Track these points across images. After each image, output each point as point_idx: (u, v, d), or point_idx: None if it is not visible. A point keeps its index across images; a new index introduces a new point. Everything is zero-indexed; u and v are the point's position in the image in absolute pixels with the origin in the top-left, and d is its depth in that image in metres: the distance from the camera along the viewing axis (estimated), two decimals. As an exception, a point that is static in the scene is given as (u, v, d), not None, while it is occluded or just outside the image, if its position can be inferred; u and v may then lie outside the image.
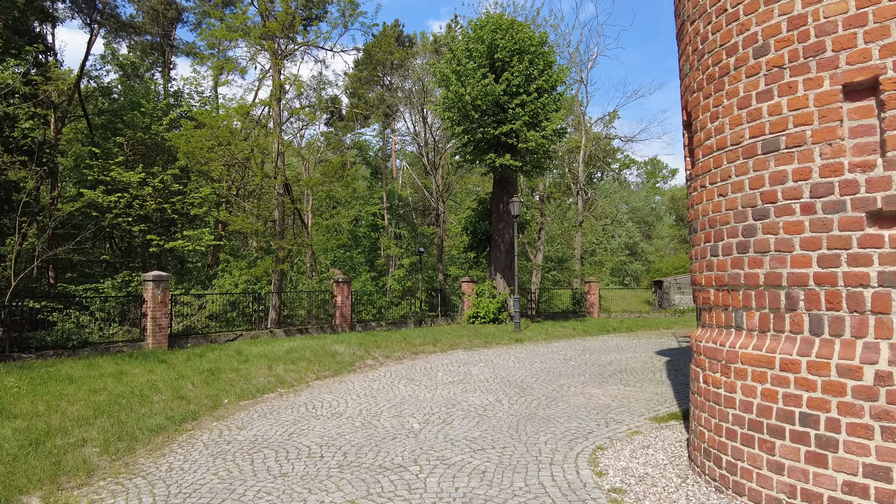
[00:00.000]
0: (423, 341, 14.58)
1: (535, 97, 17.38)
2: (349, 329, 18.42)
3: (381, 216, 39.98)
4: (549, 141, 17.72)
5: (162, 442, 6.12)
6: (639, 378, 9.76)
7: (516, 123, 17.06)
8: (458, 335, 16.05)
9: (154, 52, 27.16)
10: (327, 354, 12.08)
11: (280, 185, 16.99)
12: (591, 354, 13.03)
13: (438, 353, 13.45)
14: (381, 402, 7.98)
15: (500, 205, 19.78)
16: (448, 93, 17.27)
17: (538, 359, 12.33)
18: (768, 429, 3.90)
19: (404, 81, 40.63)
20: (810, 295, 3.74)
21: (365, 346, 13.41)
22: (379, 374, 10.54)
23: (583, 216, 29.47)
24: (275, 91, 16.31)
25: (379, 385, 9.38)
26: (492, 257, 20.20)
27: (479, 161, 18.11)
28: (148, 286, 13.45)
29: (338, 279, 18.59)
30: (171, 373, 9.63)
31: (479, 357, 12.76)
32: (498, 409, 7.50)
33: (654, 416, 6.96)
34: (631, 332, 19.35)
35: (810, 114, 3.78)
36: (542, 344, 15.40)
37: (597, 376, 9.98)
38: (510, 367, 11.11)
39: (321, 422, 6.91)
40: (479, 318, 19.41)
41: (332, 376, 10.45)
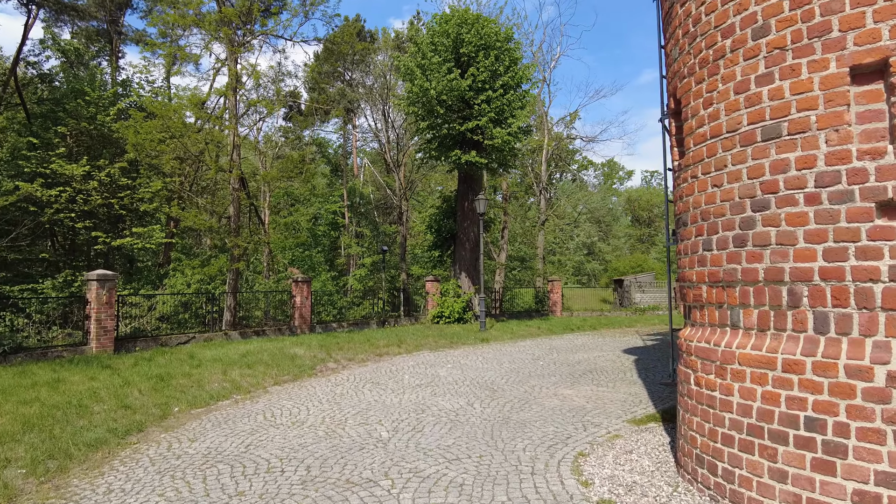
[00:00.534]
0: (387, 342, 14.11)
1: (500, 93, 17.14)
2: (309, 330, 17.76)
3: (341, 214, 39.16)
4: (515, 138, 17.50)
5: (101, 459, 5.49)
6: (610, 378, 9.58)
7: (482, 120, 16.77)
8: (423, 335, 15.64)
9: (100, 39, 25.65)
10: (286, 357, 11.48)
11: (235, 180, 16.19)
12: (558, 354, 12.84)
13: (404, 355, 13.01)
14: (346, 409, 7.50)
15: (466, 202, 19.47)
16: (413, 87, 16.83)
17: (506, 359, 12.05)
18: (770, 434, 3.65)
19: (366, 77, 39.95)
20: (815, 291, 3.51)
21: (326, 348, 12.85)
22: (342, 378, 10.03)
23: (545, 215, 29.48)
24: (231, 81, 15.51)
25: (342, 390, 8.89)
26: (456, 256, 19.87)
27: (445, 157, 17.75)
28: (92, 286, 12.53)
29: (297, 279, 17.90)
30: (115, 379, 8.89)
31: (445, 358, 12.38)
32: (470, 413, 7.13)
33: (632, 419, 6.73)
34: (595, 330, 19.35)
35: (815, 98, 3.54)
36: (508, 343, 15.15)
37: (567, 376, 9.75)
38: (479, 368, 10.78)
39: (281, 431, 6.39)
40: (443, 318, 19.04)
41: (291, 381, 9.88)
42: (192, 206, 20.02)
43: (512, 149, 17.89)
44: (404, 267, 26.83)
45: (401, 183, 26.23)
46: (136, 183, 20.06)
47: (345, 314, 25.10)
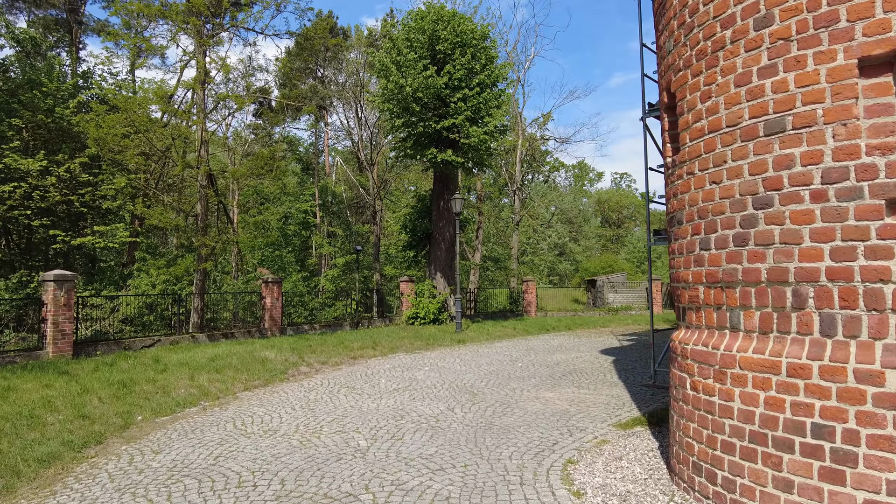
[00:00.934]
0: (361, 345, 13.76)
1: (477, 92, 16.94)
2: (280, 333, 17.26)
3: (312, 214, 38.47)
4: (491, 137, 17.34)
5: (54, 475, 5.06)
6: (590, 379, 9.44)
7: (458, 118, 16.55)
8: (398, 337, 15.33)
9: (59, 28, 24.52)
10: (256, 361, 11.05)
11: (203, 177, 15.60)
12: (536, 355, 12.69)
13: (379, 358, 12.68)
14: (321, 416, 7.16)
15: (441, 202, 19.22)
16: (388, 83, 16.50)
17: (484, 361, 11.84)
18: (774, 441, 3.49)
19: (338, 74, 39.35)
20: (822, 292, 3.36)
21: (298, 351, 12.44)
22: (315, 383, 9.66)
23: (520, 216, 29.43)
24: (199, 74, 14.92)
25: (316, 395, 8.53)
26: (432, 256, 19.60)
27: (420, 156, 17.46)
28: (49, 287, 11.86)
29: (267, 279, 17.38)
30: (73, 386, 8.35)
31: (422, 360, 12.11)
32: (451, 419, 6.88)
33: (617, 423, 6.57)
34: (570, 330, 19.31)
35: (822, 91, 3.40)
36: (485, 345, 14.96)
37: (547, 378, 9.58)
38: (457, 371, 10.54)
39: (252, 441, 6.03)
40: (418, 319, 18.76)
41: (262, 386, 9.47)
42: (158, 204, 19.27)
43: (488, 148, 17.72)
44: (378, 267, 26.43)
45: (374, 182, 25.83)
46: (98, 179, 19.22)
47: (316, 316, 24.59)
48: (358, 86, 29.95)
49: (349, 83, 33.91)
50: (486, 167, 18.77)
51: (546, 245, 62.33)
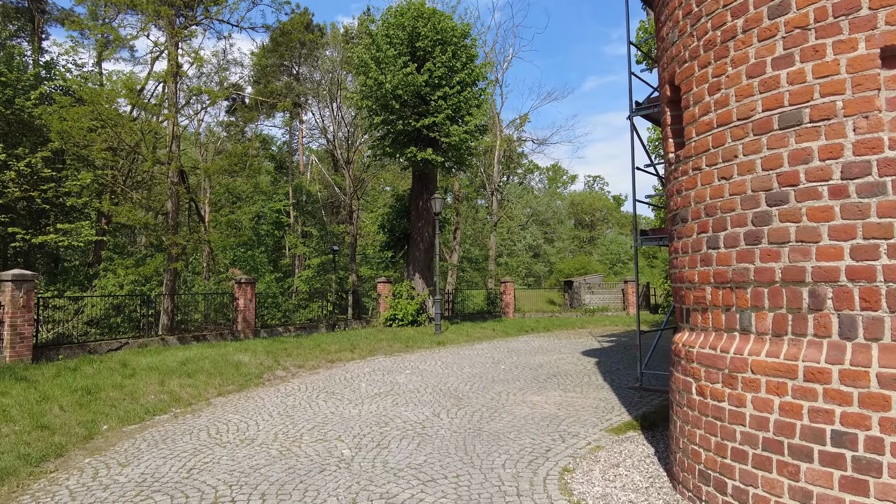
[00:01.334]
0: (338, 347, 13.39)
1: (457, 90, 16.72)
2: (253, 335, 16.75)
3: (286, 213, 37.78)
4: (472, 136, 17.13)
5: (7, 494, 4.63)
6: (576, 382, 9.28)
7: (439, 116, 16.29)
8: (377, 339, 14.99)
9: (20, 16, 23.47)
10: (230, 365, 10.61)
11: (175, 173, 15.01)
12: (518, 357, 12.51)
13: (357, 361, 12.33)
14: (300, 423, 6.82)
15: (420, 202, 18.93)
16: (367, 80, 16.15)
17: (466, 363, 11.60)
18: (791, 450, 3.32)
19: (314, 72, 38.71)
20: (841, 292, 3.20)
21: (273, 354, 12.02)
22: (293, 388, 9.29)
23: (498, 216, 29.32)
24: (171, 66, 14.34)
25: (294, 401, 8.17)
26: (410, 257, 19.30)
27: (400, 154, 17.15)
28: (6, 287, 11.20)
29: (240, 280, 16.86)
30: (31, 394, 7.82)
31: (402, 363, 11.81)
32: (438, 425, 6.61)
33: (609, 427, 6.39)
34: (548, 331, 19.22)
35: (841, 82, 3.24)
36: (465, 346, 14.72)
37: (532, 381, 9.39)
38: (439, 374, 10.27)
39: (228, 451, 5.67)
40: (396, 321, 18.43)
41: (237, 391, 9.06)
42: (127, 202, 18.53)
43: (468, 147, 17.51)
44: (354, 268, 26.00)
45: (351, 180, 25.40)
46: (62, 175, 18.41)
47: (291, 317, 24.03)
48: (334, 84, 29.48)
49: (325, 81, 33.40)
50: (465, 167, 18.56)
51: (521, 246, 62.59)
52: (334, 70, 31.26)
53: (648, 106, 8.81)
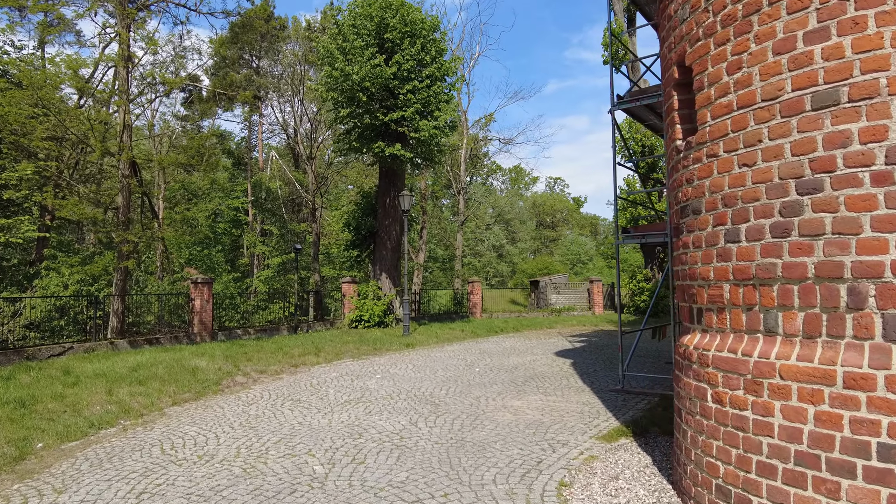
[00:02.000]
0: (302, 351, 12.72)
1: (427, 84, 16.25)
2: (210, 338, 15.87)
3: (244, 211, 36.50)
4: (442, 132, 16.68)
5: (-84, 530, 3.93)
6: (555, 385, 8.94)
7: (408, 111, 15.77)
8: (343, 342, 14.37)
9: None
10: (186, 371, 9.85)
11: (126, 165, 14.00)
12: (491, 358, 12.12)
13: (323, 365, 11.71)
14: (265, 435, 6.23)
15: (387, 199, 18.37)
16: (333, 71, 15.49)
17: (439, 366, 11.14)
18: (829, 465, 2.99)
19: (275, 66, 37.52)
20: (886, 289, 2.89)
21: (233, 358, 11.29)
22: (255, 395, 8.64)
23: (465, 216, 28.96)
24: (122, 50, 13.34)
25: (258, 410, 7.55)
26: (376, 256, 18.71)
27: (367, 149, 16.54)
28: (-70, 288, 10.12)
29: (196, 279, 15.95)
30: (-45, 406, 6.96)
31: (371, 367, 11.26)
32: (417, 435, 6.13)
33: (598, 434, 6.04)
34: (518, 332, 18.95)
35: (885, 57, 2.93)
36: (435, 348, 14.26)
37: (510, 384, 9.01)
38: (411, 378, 9.78)
39: (185, 470, 5.06)
40: (362, 322, 17.81)
41: (193, 400, 8.35)
42: (73, 195, 17.29)
43: (438, 143, 17.05)
44: (317, 267, 25.19)
45: (314, 176, 24.56)
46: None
47: (250, 319, 23.11)
48: (296, 77, 28.55)
49: (287, 75, 32.40)
50: (435, 164, 18.09)
51: (485, 247, 62.65)
52: (296, 64, 30.33)
53: (631, 99, 8.56)
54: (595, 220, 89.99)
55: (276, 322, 20.59)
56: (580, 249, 75.49)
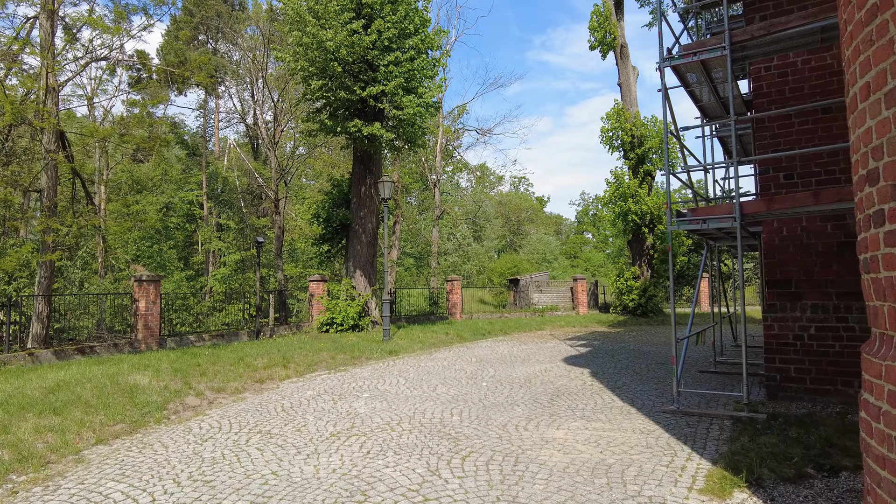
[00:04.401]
0: (268, 361, 10.71)
1: (410, 56, 14.38)
2: (158, 346, 13.62)
3: (199, 204, 33.78)
4: (427, 111, 14.84)
5: None
6: (590, 405, 7.27)
7: (388, 85, 13.86)
8: (314, 349, 12.39)
9: None
10: (122, 391, 7.77)
11: (51, 136, 11.61)
12: (494, 369, 10.39)
13: (295, 380, 9.73)
14: (226, 494, 4.31)
15: (363, 187, 16.40)
16: (303, 36, 13.43)
17: (436, 380, 9.32)
18: None
19: (233, 51, 34.92)
20: None
21: (183, 372, 9.22)
22: (211, 425, 6.65)
23: (441, 209, 27.18)
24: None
25: (215, 450, 5.59)
26: (350, 251, 16.72)
27: (341, 129, 14.52)
28: None
29: (141, 277, 13.69)
30: None
31: (354, 382, 9.35)
32: (446, 493, 4.33)
33: (697, 485, 4.37)
34: (507, 335, 17.31)
35: None
36: (423, 356, 12.43)
37: (533, 404, 7.29)
38: (408, 398, 7.95)
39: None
40: (334, 326, 15.82)
41: (127, 434, 6.30)
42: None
43: (423, 123, 15.19)
44: (280, 265, 22.95)
45: (276, 163, 22.30)
46: None
47: (205, 322, 20.81)
48: (257, 62, 26.15)
49: (247, 60, 29.92)
50: (418, 146, 16.22)
51: (452, 245, 61.25)
52: (256, 49, 27.92)
53: (687, 53, 6.94)
54: (559, 219, 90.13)
55: (235, 326, 18.38)
56: (545, 248, 75.06)
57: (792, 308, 7.24)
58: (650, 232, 22.39)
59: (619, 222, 22.68)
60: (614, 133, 22.64)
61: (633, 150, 22.26)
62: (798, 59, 7.41)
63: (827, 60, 7.23)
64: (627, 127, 22.14)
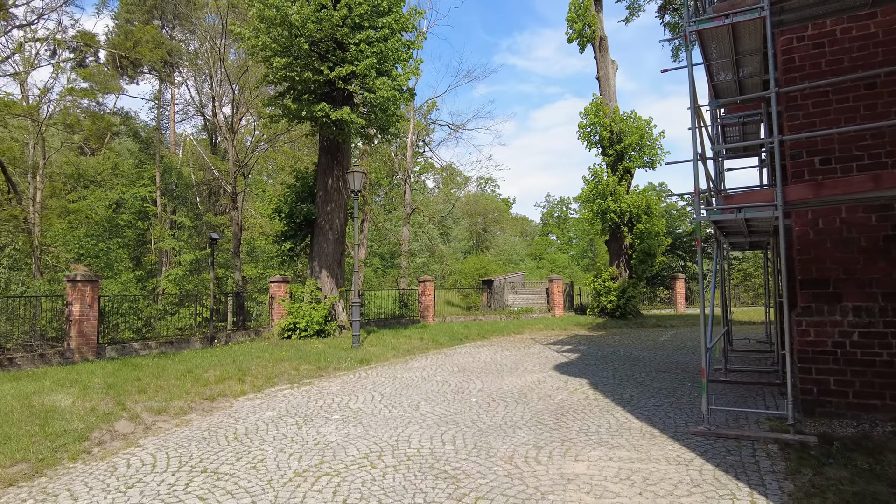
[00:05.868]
0: (221, 374, 9.32)
1: (384, 35, 13.12)
2: (95, 355, 12.01)
3: (153, 201, 31.62)
4: (402, 97, 13.60)
5: None
6: (603, 425, 6.19)
7: (360, 65, 12.57)
8: (275, 359, 11.01)
9: None
10: (33, 417, 6.32)
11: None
12: (481, 380, 9.23)
13: (252, 396, 8.37)
14: (145, 589, 3.03)
15: (329, 180, 15.03)
16: (265, 9, 12.03)
17: (417, 395, 8.11)
18: None
19: (191, 39, 32.91)
20: None
21: (118, 389, 7.79)
22: (143, 462, 5.29)
23: (412, 207, 25.93)
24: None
25: (145, 500, 4.26)
26: (315, 249, 15.32)
27: (307, 113, 13.12)
28: None
29: (75, 277, 12.06)
30: None
31: (322, 399, 8.06)
32: (457, 570, 3.14)
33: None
34: (485, 339, 16.19)
35: None
36: (398, 365, 11.18)
37: (537, 425, 6.17)
38: (387, 419, 6.72)
39: None
40: (297, 331, 14.40)
41: (27, 478, 4.89)
42: None
43: (395, 110, 13.92)
44: (238, 265, 21.30)
45: (234, 153, 20.64)
46: None
47: (155, 327, 19.05)
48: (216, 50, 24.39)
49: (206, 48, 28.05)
50: (391, 135, 14.93)
51: (420, 245, 60.01)
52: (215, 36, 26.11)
53: (717, 15, 5.94)
54: (525, 220, 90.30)
55: (187, 331, 16.72)
56: (512, 250, 74.70)
57: (830, 311, 6.33)
58: (629, 231, 21.66)
59: (597, 221, 21.88)
60: (592, 129, 21.84)
61: (612, 146, 21.50)
62: (837, 28, 6.52)
63: (871, 29, 6.36)
64: (606, 122, 21.37)
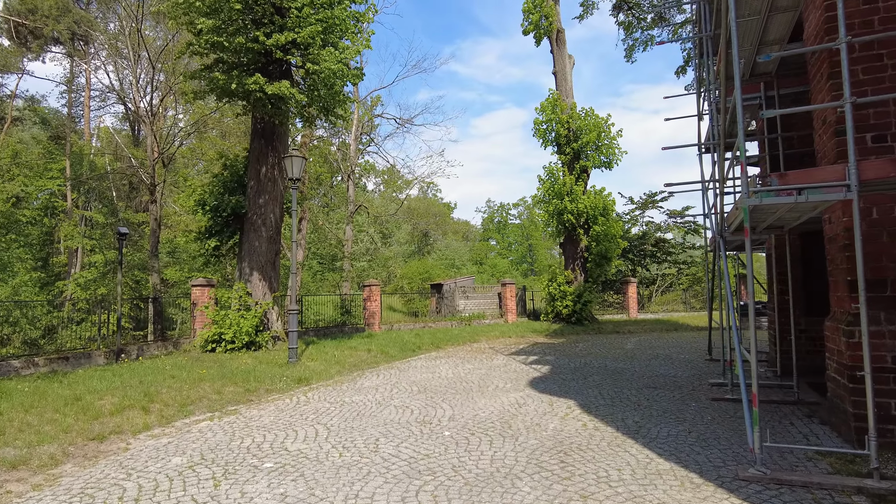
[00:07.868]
0: (120, 401, 7.32)
1: (330, 1, 11.36)
2: (-43, 376, 9.56)
3: (62, 196, 28.21)
4: (350, 73, 11.87)
5: None
6: (625, 470, 4.76)
7: (301, 32, 10.75)
8: (193, 379, 9.01)
9: None
10: None
11: None
12: (449, 404, 7.65)
13: (157, 432, 6.42)
14: None
15: (264, 168, 13.06)
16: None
17: (373, 428, 6.43)
18: None
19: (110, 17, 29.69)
20: None
21: (-39, 431, 5.68)
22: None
23: (356, 205, 24.02)
24: None
25: None
26: (246, 247, 13.27)
27: (238, 86, 11.08)
28: None
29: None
30: None
31: (250, 437, 6.23)
32: None
33: None
34: (440, 349, 14.63)
35: None
36: (345, 385, 9.41)
37: (540, 474, 4.68)
38: (341, 471, 5.02)
39: None
40: (223, 343, 12.34)
41: None
42: None
43: (342, 87, 12.16)
44: (156, 266, 18.75)
45: (153, 141, 18.14)
46: None
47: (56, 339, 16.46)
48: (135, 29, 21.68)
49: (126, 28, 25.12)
50: (336, 116, 13.05)
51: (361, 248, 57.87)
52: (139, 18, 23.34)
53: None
54: (466, 225, 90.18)
55: (90, 343, 14.23)
56: (454, 254, 73.67)
57: (889, 319, 5.19)
58: (585, 233, 20.72)
59: (553, 222, 20.82)
60: (549, 125, 20.78)
61: (569, 144, 20.51)
62: (894, -22, 5.43)
63: (935, -21, 5.29)
64: (563, 119, 20.36)
